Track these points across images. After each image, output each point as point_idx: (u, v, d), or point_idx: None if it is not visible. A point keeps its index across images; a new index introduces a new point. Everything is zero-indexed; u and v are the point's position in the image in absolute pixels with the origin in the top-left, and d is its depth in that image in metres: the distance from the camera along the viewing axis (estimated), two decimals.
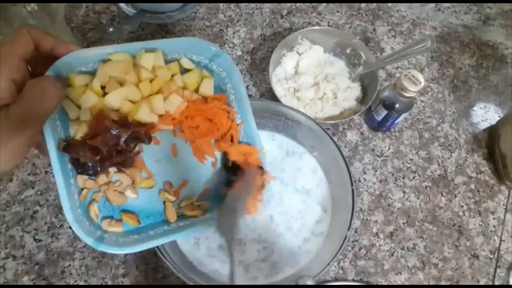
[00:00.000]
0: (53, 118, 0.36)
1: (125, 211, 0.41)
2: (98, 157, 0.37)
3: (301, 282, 0.46)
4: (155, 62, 0.39)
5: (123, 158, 0.39)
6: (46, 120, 0.32)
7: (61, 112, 0.37)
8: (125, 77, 0.37)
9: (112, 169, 0.40)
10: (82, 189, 0.39)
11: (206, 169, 0.45)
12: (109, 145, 0.37)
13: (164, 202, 0.43)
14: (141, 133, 0.39)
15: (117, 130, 0.37)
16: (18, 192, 0.57)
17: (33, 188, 0.58)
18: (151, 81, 0.39)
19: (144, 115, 0.38)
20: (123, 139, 0.37)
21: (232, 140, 0.44)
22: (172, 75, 0.41)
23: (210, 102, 0.42)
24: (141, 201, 0.42)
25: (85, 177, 0.39)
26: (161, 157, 0.43)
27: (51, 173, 0.59)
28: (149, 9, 0.69)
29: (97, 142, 0.36)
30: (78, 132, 0.37)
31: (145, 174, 0.42)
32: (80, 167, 0.38)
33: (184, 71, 0.42)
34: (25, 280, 0.53)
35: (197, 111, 0.42)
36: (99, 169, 0.39)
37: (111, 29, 0.68)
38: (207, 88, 0.42)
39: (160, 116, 0.40)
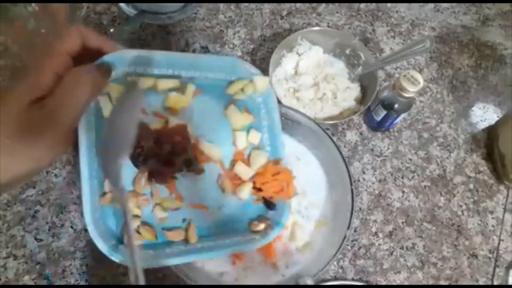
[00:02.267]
0: (90, 112, 0.35)
1: (144, 223, 0.41)
2: (142, 149, 0.38)
3: (301, 282, 0.47)
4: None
5: (164, 170, 0.40)
6: (82, 110, 0.32)
7: (98, 108, 0.37)
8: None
9: (144, 180, 0.40)
10: (105, 193, 0.38)
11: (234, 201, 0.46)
12: (167, 150, 0.38)
13: (189, 223, 0.43)
14: (194, 160, 0.41)
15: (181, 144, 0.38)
16: (19, 191, 0.58)
17: (34, 188, 0.58)
18: None
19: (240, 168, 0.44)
20: (181, 158, 0.39)
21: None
22: None
23: (280, 173, 0.48)
24: None
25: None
26: (191, 183, 0.43)
27: (53, 173, 0.59)
28: (150, 10, 0.70)
29: (163, 138, 0.38)
30: None
31: (174, 195, 0.42)
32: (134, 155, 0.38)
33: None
34: (26, 280, 0.53)
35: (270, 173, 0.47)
36: (139, 162, 0.38)
37: (112, 30, 0.68)
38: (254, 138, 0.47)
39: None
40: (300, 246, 0.53)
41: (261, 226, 0.46)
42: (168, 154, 0.38)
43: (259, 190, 0.47)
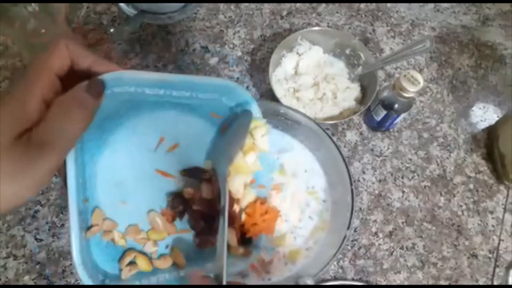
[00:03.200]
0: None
1: (140, 252, 0.40)
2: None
3: (301, 282, 0.47)
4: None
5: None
6: (73, 143, 0.29)
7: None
8: None
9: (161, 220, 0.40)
10: (91, 226, 0.37)
11: None
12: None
13: (172, 248, 0.42)
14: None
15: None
16: None
17: None
18: None
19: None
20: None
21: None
22: None
23: (268, 212, 0.45)
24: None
25: (104, 215, 0.38)
26: None
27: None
28: (150, 10, 0.70)
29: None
30: None
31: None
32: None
33: None
34: (26, 280, 0.53)
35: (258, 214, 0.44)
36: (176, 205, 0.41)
37: (112, 30, 0.68)
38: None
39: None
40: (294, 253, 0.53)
41: (240, 251, 0.44)
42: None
43: (243, 232, 0.44)
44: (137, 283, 0.39)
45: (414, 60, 0.74)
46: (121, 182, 0.38)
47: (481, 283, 0.58)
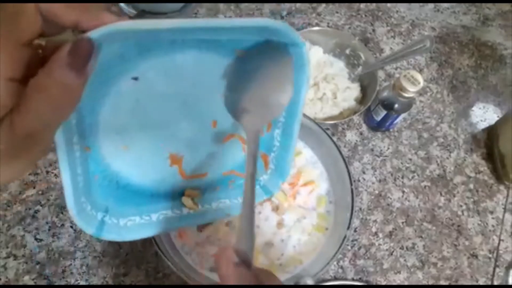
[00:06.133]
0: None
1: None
2: None
3: (301, 282, 0.47)
4: None
5: None
6: (58, 126, 0.24)
7: None
8: None
9: None
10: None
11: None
12: None
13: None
14: None
15: None
16: (19, 191, 0.58)
17: (34, 187, 0.58)
18: None
19: None
20: None
21: None
22: None
23: None
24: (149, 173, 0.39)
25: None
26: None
27: (52, 172, 0.59)
28: (150, 10, 0.70)
29: None
30: None
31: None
32: None
33: None
34: (26, 280, 0.53)
35: None
36: None
37: None
38: None
39: None
40: (301, 244, 0.53)
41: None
42: None
43: None
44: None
45: (414, 60, 0.74)
46: (126, 129, 0.35)
47: (481, 283, 0.58)
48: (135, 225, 0.39)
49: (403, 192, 0.63)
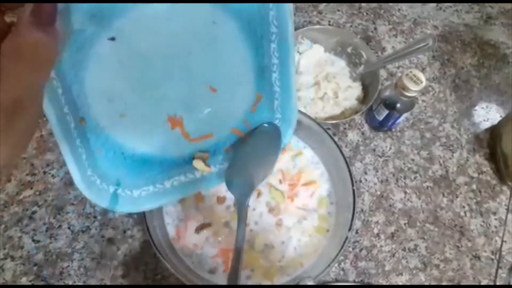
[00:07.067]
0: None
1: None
2: None
3: (302, 283, 0.46)
4: None
5: None
6: (41, 92, 0.23)
7: None
8: None
9: None
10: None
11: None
12: None
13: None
14: None
15: None
16: (17, 192, 0.57)
17: (31, 188, 0.57)
18: None
19: None
20: None
21: None
22: None
23: None
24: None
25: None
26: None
27: (50, 173, 0.58)
28: None
29: None
30: None
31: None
32: None
33: None
34: (24, 281, 0.53)
35: None
36: None
37: None
38: None
39: None
40: (301, 245, 0.52)
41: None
42: None
43: None
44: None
45: (417, 59, 0.73)
46: (117, 95, 0.34)
47: (483, 284, 0.58)
48: (149, 194, 0.38)
49: (405, 193, 0.62)
